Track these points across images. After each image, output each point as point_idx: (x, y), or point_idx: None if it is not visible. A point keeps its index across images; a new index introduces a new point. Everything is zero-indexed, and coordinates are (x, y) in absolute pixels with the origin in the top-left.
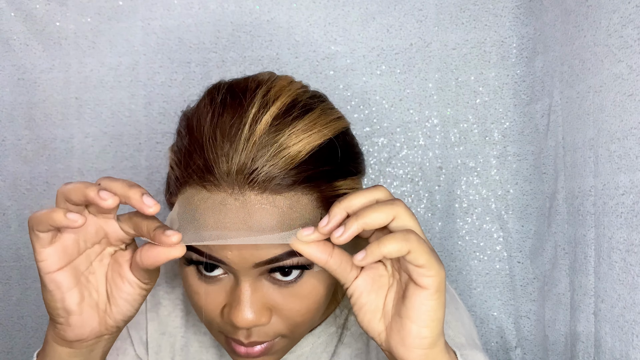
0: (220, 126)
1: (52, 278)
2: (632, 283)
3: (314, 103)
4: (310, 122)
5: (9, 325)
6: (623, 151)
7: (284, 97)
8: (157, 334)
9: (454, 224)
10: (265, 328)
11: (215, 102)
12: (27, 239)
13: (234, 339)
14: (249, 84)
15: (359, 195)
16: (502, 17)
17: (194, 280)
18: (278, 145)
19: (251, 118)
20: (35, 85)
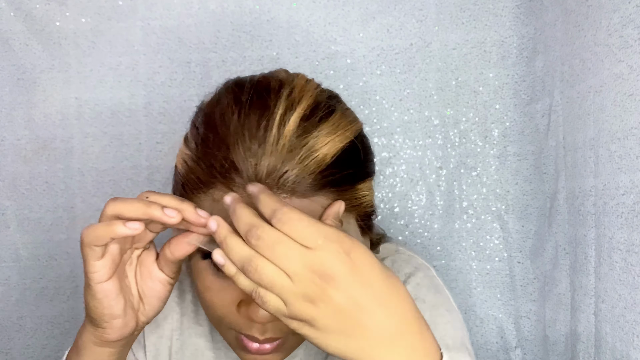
0: (247, 127)
1: (102, 287)
2: (633, 283)
3: (334, 104)
4: (334, 124)
5: (8, 326)
6: (623, 151)
7: (307, 98)
8: (154, 337)
9: (454, 224)
10: (280, 323)
11: (240, 101)
12: (26, 239)
13: (247, 335)
14: (271, 84)
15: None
16: (502, 17)
17: (208, 276)
18: (307, 149)
19: (278, 120)
20: (35, 85)
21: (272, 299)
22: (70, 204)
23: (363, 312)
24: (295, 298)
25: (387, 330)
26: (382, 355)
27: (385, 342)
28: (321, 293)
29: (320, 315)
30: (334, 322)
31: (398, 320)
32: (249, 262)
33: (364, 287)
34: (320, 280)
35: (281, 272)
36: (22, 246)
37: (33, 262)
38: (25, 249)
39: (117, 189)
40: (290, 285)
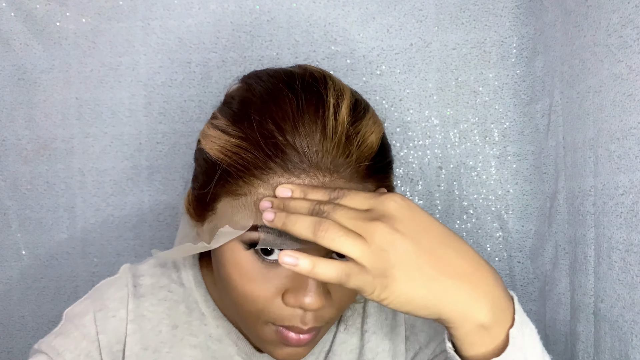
0: (307, 113)
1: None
2: (632, 283)
3: (365, 100)
4: (373, 115)
5: (9, 325)
6: (623, 151)
7: (348, 90)
8: (137, 347)
9: (454, 224)
10: (322, 312)
11: (293, 88)
12: (27, 238)
13: (289, 326)
14: (316, 74)
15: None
16: (502, 17)
17: (249, 266)
18: (361, 136)
19: (332, 108)
20: (36, 85)
21: (353, 269)
22: (71, 204)
23: (434, 254)
24: (370, 252)
25: (463, 268)
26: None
27: (465, 281)
28: (391, 238)
29: (396, 260)
30: (412, 265)
31: (470, 260)
32: (319, 224)
33: (427, 231)
34: (386, 227)
35: (350, 231)
36: (24, 246)
37: (34, 261)
38: (27, 249)
39: (117, 189)
40: (362, 241)
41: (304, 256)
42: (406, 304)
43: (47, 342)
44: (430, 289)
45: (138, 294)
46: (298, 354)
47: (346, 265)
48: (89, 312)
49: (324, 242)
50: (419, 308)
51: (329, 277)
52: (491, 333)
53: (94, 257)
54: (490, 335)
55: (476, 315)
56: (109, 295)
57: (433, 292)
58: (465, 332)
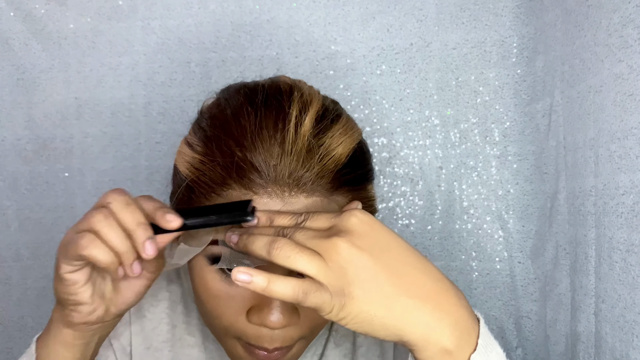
0: (265, 127)
1: (70, 276)
2: (632, 283)
3: (339, 108)
4: (344, 125)
5: (9, 325)
6: (623, 151)
7: (317, 101)
8: (141, 347)
9: (454, 224)
10: (290, 331)
11: (254, 102)
12: (27, 239)
13: (257, 346)
14: (282, 86)
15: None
16: (502, 17)
17: (214, 283)
18: (324, 148)
19: (294, 120)
20: (35, 85)
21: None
22: (71, 204)
23: (395, 272)
24: (327, 269)
25: (426, 288)
26: (425, 318)
27: (427, 301)
28: (348, 253)
29: (355, 277)
30: (370, 282)
31: (433, 280)
32: (273, 242)
33: (388, 248)
34: (344, 242)
35: (306, 249)
36: (23, 246)
37: (34, 261)
38: (26, 249)
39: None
40: (319, 258)
41: (258, 273)
42: (365, 324)
43: None
44: (390, 309)
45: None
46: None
47: (303, 282)
48: None
49: (278, 260)
50: (378, 329)
51: (284, 295)
52: (455, 357)
53: None
54: (453, 359)
55: (439, 337)
56: None
57: (392, 312)
58: (429, 355)
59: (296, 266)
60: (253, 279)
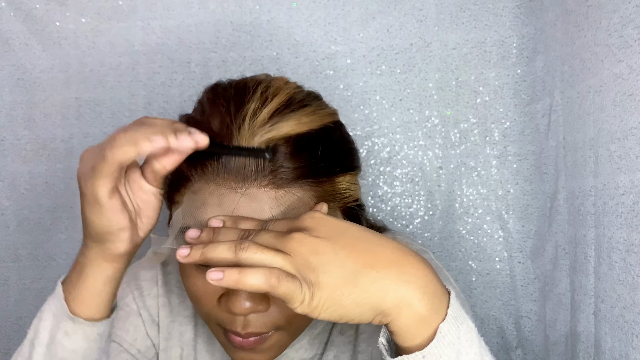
0: (221, 122)
1: (111, 204)
2: (632, 283)
3: (309, 100)
4: (307, 115)
5: (7, 326)
6: (623, 151)
7: (282, 94)
8: (167, 320)
9: (454, 224)
10: (263, 318)
11: (216, 100)
12: (25, 239)
13: (231, 330)
14: (247, 83)
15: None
16: (502, 17)
17: (192, 271)
18: (277, 139)
19: (250, 113)
20: (35, 85)
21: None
22: (70, 204)
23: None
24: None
25: (386, 256)
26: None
27: (391, 267)
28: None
29: (317, 263)
30: (333, 264)
31: (394, 249)
32: (239, 244)
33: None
34: (302, 234)
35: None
36: (22, 246)
37: (32, 262)
38: (25, 249)
39: None
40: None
41: (229, 268)
42: (337, 307)
43: None
44: (356, 284)
45: (166, 271)
46: (252, 359)
47: (274, 269)
48: (127, 294)
49: (245, 259)
50: (352, 307)
51: (256, 284)
52: (429, 323)
53: None
54: (428, 326)
55: (410, 301)
56: (142, 276)
57: (360, 286)
58: (405, 323)
59: (263, 261)
60: (224, 275)
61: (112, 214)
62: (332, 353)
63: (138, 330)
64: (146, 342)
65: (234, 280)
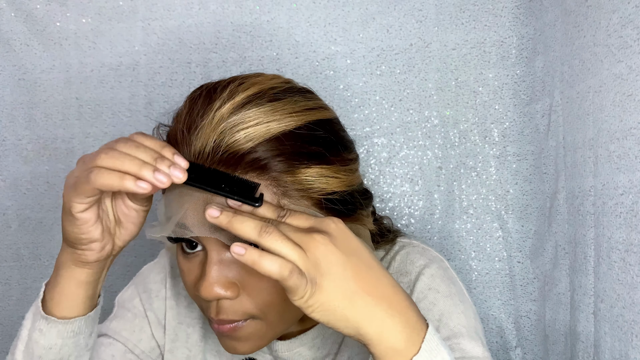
0: (190, 117)
1: (82, 216)
2: (631, 283)
3: (286, 93)
4: (270, 109)
5: (9, 325)
6: (622, 151)
7: (253, 88)
8: (174, 322)
9: (453, 224)
10: (234, 306)
11: (192, 98)
12: (27, 239)
13: (207, 316)
14: (225, 80)
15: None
16: (502, 17)
17: (180, 258)
18: (233, 127)
19: (216, 107)
20: (36, 85)
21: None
22: None
23: (360, 272)
24: (306, 259)
25: (382, 289)
26: (380, 315)
27: (383, 301)
28: (325, 249)
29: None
30: (340, 277)
31: (389, 285)
32: (265, 227)
33: (356, 252)
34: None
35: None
36: (23, 246)
37: (34, 261)
38: (26, 249)
39: None
40: (300, 249)
41: (252, 248)
42: (328, 314)
43: (105, 326)
44: (352, 302)
45: (175, 274)
46: (234, 348)
47: (289, 263)
48: (136, 296)
49: (266, 243)
50: (340, 319)
51: (270, 270)
52: (404, 355)
53: None
54: (403, 357)
55: (390, 334)
56: (151, 278)
57: (353, 306)
58: (381, 350)
59: (281, 251)
60: (246, 252)
61: (84, 226)
62: (347, 354)
63: (143, 332)
64: (151, 344)
65: (252, 260)
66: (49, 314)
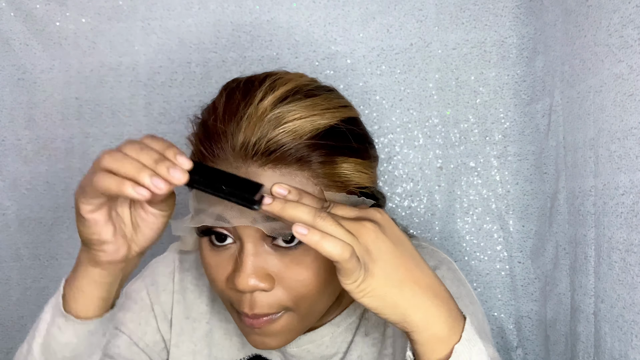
0: (229, 108)
1: (91, 216)
2: (632, 283)
3: (319, 90)
4: (310, 105)
5: (9, 325)
6: (623, 151)
7: (290, 84)
8: (181, 316)
9: (454, 224)
10: (268, 299)
11: (228, 90)
12: (27, 238)
13: (240, 311)
14: (259, 76)
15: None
16: (502, 17)
17: (207, 252)
18: (277, 120)
19: (257, 101)
20: (36, 85)
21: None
22: (71, 204)
23: (406, 262)
24: (359, 245)
25: (427, 280)
26: (427, 304)
27: (428, 291)
28: (376, 237)
29: (378, 258)
30: (390, 265)
31: (431, 275)
32: (319, 212)
33: (402, 242)
34: (374, 227)
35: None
36: (23, 246)
37: (34, 261)
38: (26, 249)
39: None
40: (353, 236)
41: (314, 229)
42: (378, 300)
43: None
44: (401, 290)
45: (183, 268)
46: (265, 343)
47: (349, 246)
48: (143, 288)
49: (322, 228)
50: (389, 306)
51: (331, 252)
52: (446, 343)
53: None
54: (445, 346)
55: (435, 322)
56: (159, 271)
57: (403, 294)
58: (426, 338)
59: (335, 234)
60: (309, 232)
61: (93, 227)
62: (356, 353)
63: (149, 324)
64: (155, 337)
65: (315, 240)
66: (67, 311)
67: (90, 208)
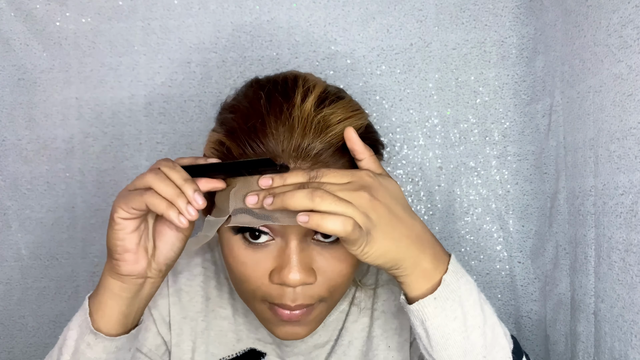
0: (274, 113)
1: (122, 221)
2: (631, 283)
3: (342, 93)
4: (345, 106)
5: (10, 325)
6: (622, 151)
7: (319, 86)
8: (179, 317)
9: (454, 224)
10: (310, 290)
11: (264, 92)
12: (27, 238)
13: (280, 304)
14: (288, 77)
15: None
16: (502, 17)
17: (240, 250)
18: (324, 124)
19: (298, 103)
20: (36, 85)
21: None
22: (71, 204)
23: (400, 219)
24: (359, 213)
25: (416, 230)
26: (417, 251)
27: (417, 240)
28: (372, 204)
29: (377, 222)
30: (387, 227)
31: (420, 224)
32: (314, 192)
33: (395, 199)
34: (368, 194)
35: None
36: (24, 246)
37: (34, 261)
38: (27, 249)
39: (117, 188)
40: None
41: (313, 213)
42: (380, 256)
43: None
44: (397, 246)
45: (176, 271)
46: (296, 333)
47: (349, 218)
48: None
49: (322, 207)
50: (387, 259)
51: (335, 229)
52: (431, 277)
53: (94, 257)
54: (430, 279)
55: (421, 262)
56: None
57: (398, 248)
58: (414, 277)
59: (337, 210)
60: (310, 218)
61: (120, 232)
62: (347, 339)
63: (149, 330)
64: (156, 341)
65: (317, 223)
66: (96, 328)
67: (125, 214)
